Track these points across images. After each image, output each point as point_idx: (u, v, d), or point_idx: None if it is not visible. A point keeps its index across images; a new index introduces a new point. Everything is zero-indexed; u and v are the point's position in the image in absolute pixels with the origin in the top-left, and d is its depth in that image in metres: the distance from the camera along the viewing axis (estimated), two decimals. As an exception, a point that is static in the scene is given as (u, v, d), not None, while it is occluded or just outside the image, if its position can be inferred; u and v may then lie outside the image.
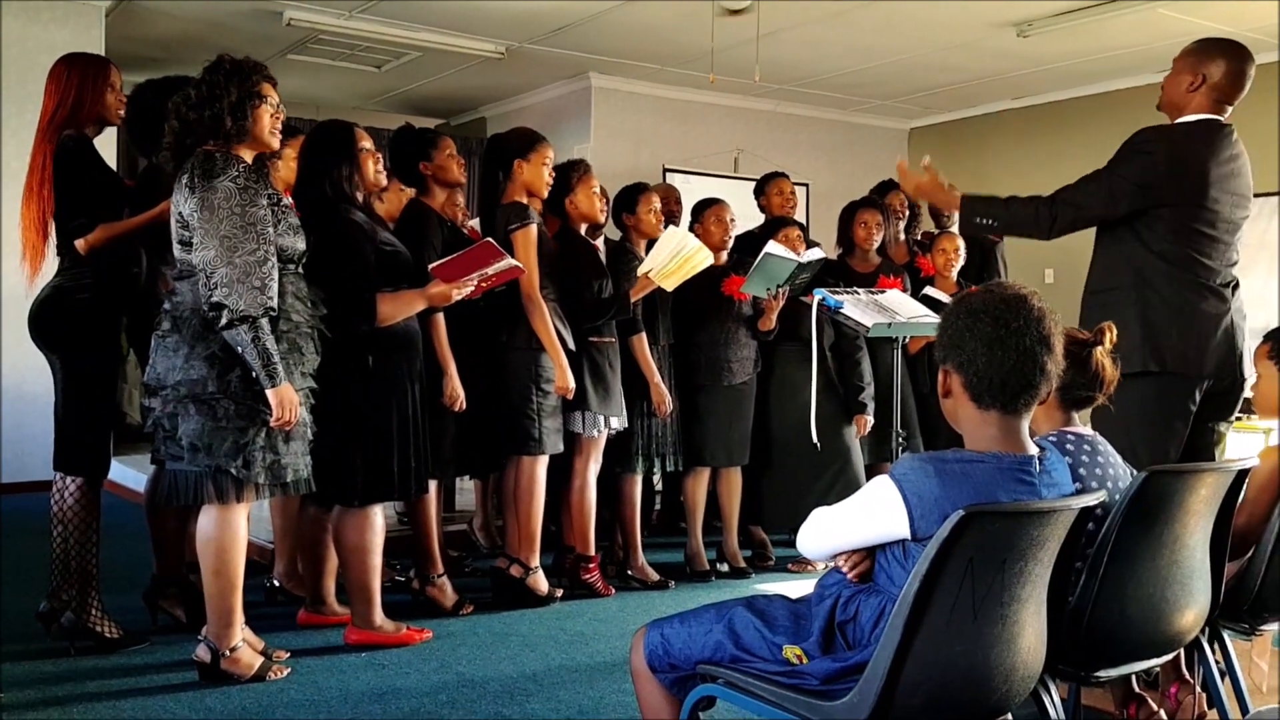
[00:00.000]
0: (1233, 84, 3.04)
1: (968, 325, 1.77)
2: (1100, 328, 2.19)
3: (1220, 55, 3.05)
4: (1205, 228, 2.99)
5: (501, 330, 3.84)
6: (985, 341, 1.74)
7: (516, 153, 3.88)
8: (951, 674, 1.64)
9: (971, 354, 1.75)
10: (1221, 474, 2.07)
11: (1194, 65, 3.06)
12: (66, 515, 3.26)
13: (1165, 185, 2.97)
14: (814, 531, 1.90)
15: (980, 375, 1.75)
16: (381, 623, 3.43)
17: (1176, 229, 2.98)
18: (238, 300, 2.78)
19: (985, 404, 1.76)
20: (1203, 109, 3.04)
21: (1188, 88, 3.05)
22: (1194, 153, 2.99)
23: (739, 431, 4.48)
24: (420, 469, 3.43)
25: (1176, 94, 3.09)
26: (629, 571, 4.36)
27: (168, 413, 2.91)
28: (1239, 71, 3.04)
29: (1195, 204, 2.97)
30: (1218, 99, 3.05)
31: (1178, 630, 2.06)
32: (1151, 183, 2.97)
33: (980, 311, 1.76)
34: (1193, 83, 3.04)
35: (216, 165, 2.86)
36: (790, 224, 4.67)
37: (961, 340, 1.77)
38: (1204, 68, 3.03)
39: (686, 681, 1.95)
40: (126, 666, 3.19)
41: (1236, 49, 3.08)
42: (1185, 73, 3.07)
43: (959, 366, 1.78)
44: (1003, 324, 1.74)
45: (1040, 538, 1.66)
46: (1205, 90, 3.03)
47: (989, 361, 1.74)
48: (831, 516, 1.87)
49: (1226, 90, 3.04)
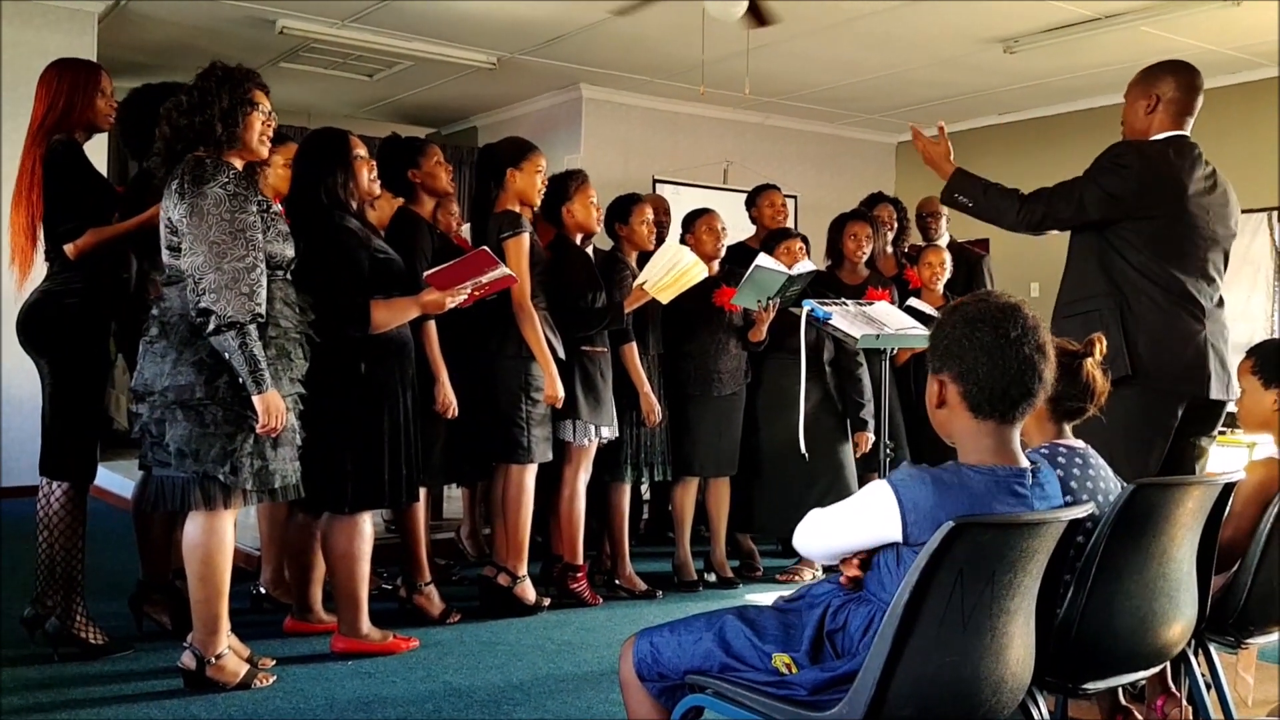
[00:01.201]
0: (1187, 96, 3.10)
1: (966, 334, 1.76)
2: (1090, 339, 2.20)
3: (1167, 73, 3.13)
4: (1182, 242, 3.01)
5: (492, 338, 3.84)
6: (986, 350, 1.74)
7: (509, 161, 3.89)
8: (940, 685, 1.64)
9: (972, 363, 1.75)
10: (1208, 487, 2.08)
11: (1145, 89, 3.14)
12: (52, 520, 3.25)
13: (1139, 197, 3.00)
14: (810, 531, 1.91)
15: (981, 384, 1.74)
16: (368, 631, 3.42)
17: (1152, 242, 3.01)
18: (226, 306, 2.78)
19: (984, 413, 1.76)
20: (1165, 127, 3.10)
21: (1146, 111, 3.12)
22: (1168, 166, 3.03)
23: (728, 442, 4.49)
24: (411, 477, 3.43)
25: (1137, 120, 3.15)
26: (616, 581, 4.36)
27: (155, 418, 2.90)
28: (1189, 84, 3.11)
29: (1171, 217, 3.00)
30: (1177, 113, 3.10)
31: (1164, 643, 2.07)
32: (1123, 195, 3.01)
33: (979, 320, 1.76)
34: (1149, 105, 3.11)
35: (207, 171, 2.86)
36: (793, 236, 4.68)
37: (960, 349, 1.76)
38: (1155, 88, 3.11)
39: (675, 691, 1.94)
40: (111, 673, 3.17)
41: (1181, 65, 3.16)
42: (1139, 98, 3.15)
43: (959, 376, 1.77)
44: (1002, 332, 1.74)
45: (1029, 549, 1.67)
46: (1163, 108, 3.10)
47: (990, 370, 1.73)
48: (827, 517, 1.87)
49: (1183, 103, 3.10)
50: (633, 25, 6.50)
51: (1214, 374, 3.00)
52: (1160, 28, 6.27)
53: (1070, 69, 7.25)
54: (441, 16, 6.54)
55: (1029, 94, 7.97)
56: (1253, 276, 7.14)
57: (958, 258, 5.25)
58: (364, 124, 8.86)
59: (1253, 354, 2.71)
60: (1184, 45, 6.57)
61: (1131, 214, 3.01)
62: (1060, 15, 6.20)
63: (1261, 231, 7.09)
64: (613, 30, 6.67)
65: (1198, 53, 6.72)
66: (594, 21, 6.51)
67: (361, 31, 6.88)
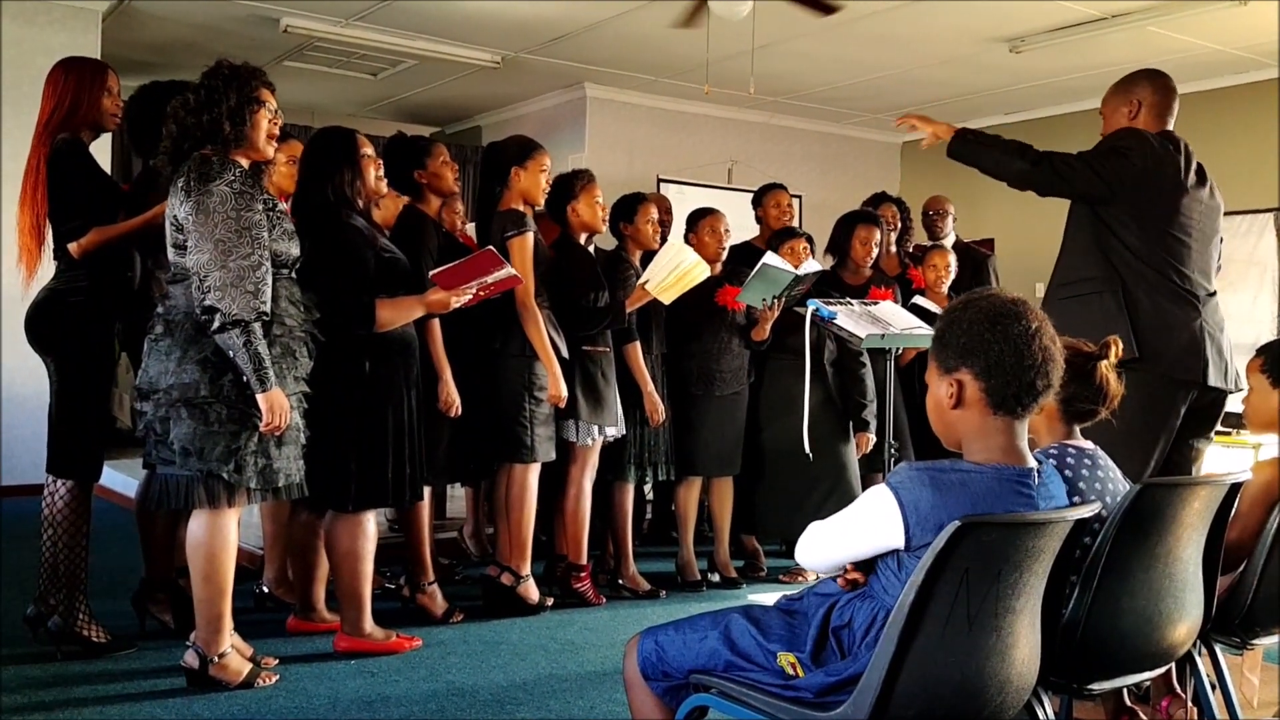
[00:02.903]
0: (1164, 99, 3.17)
1: (988, 329, 1.73)
2: (1105, 341, 2.18)
3: (1142, 80, 3.20)
4: (1178, 232, 3.04)
5: (495, 337, 3.83)
6: (1012, 342, 1.72)
7: (514, 160, 3.89)
8: (946, 685, 1.63)
9: (998, 357, 1.72)
10: (1214, 488, 2.07)
11: (1125, 97, 3.20)
12: (56, 519, 3.25)
13: (1142, 180, 3.02)
14: (812, 544, 1.88)
15: (1009, 377, 1.72)
16: (371, 630, 3.42)
17: (1148, 226, 3.03)
18: (231, 304, 2.78)
19: (1004, 409, 1.74)
20: (1151, 128, 3.14)
21: (1129, 117, 3.17)
22: (1167, 153, 3.07)
23: (731, 441, 4.48)
24: (415, 475, 3.42)
25: (1117, 124, 3.19)
26: (620, 581, 4.35)
27: (159, 417, 2.90)
28: (1165, 86, 3.18)
29: (1167, 204, 3.03)
30: (1158, 114, 3.16)
31: (1170, 644, 2.06)
32: (1125, 179, 3.02)
33: (999, 315, 1.74)
34: (1131, 111, 3.17)
35: (213, 169, 2.86)
36: (798, 235, 4.68)
37: (983, 344, 1.73)
38: (1134, 95, 3.18)
39: (679, 691, 1.94)
40: (114, 672, 3.17)
41: (1153, 71, 3.23)
42: (1120, 105, 3.20)
43: (982, 372, 1.74)
44: (1024, 325, 1.73)
45: (1035, 549, 1.66)
46: (1145, 112, 3.16)
47: (1017, 363, 1.71)
48: (829, 529, 1.85)
49: (1162, 104, 3.16)
50: (637, 24, 6.49)
51: (1211, 360, 3.01)
52: (1166, 27, 6.25)
53: (1076, 68, 7.23)
54: (445, 15, 6.54)
55: (1035, 93, 7.95)
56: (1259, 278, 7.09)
57: (963, 258, 5.25)
58: (368, 123, 8.87)
59: (1262, 353, 2.70)
60: (1190, 45, 6.56)
61: (1135, 196, 3.02)
62: (1066, 15, 6.19)
63: (1268, 232, 7.05)
64: (617, 29, 6.67)
65: (1204, 52, 6.72)
66: (599, 20, 6.51)
67: (366, 30, 6.88)
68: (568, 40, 7.01)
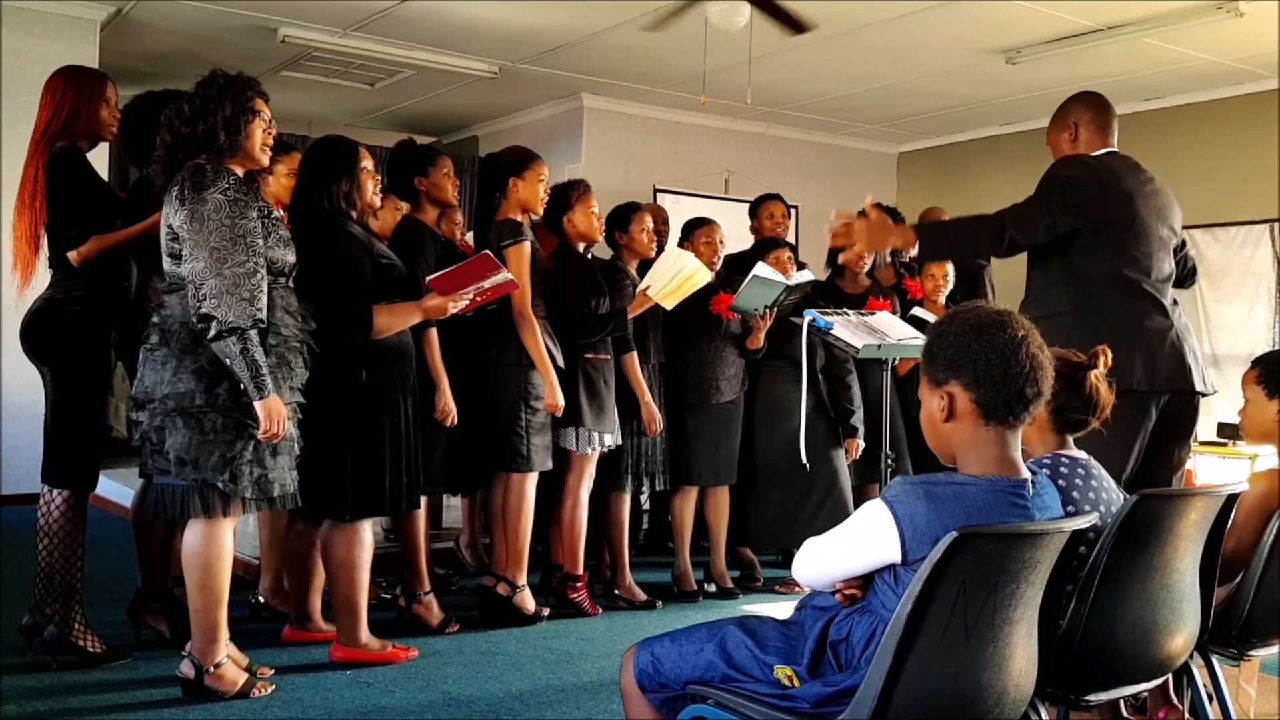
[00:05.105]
0: (1101, 114, 3.20)
1: (974, 340, 1.75)
2: (1095, 351, 2.19)
3: (1077, 103, 3.24)
4: (1140, 245, 3.05)
5: (492, 346, 3.83)
6: (999, 351, 1.73)
7: (512, 170, 3.90)
8: (943, 697, 1.63)
9: (985, 366, 1.73)
10: (1211, 499, 2.08)
11: (1062, 122, 3.24)
12: (52, 528, 3.24)
13: (1096, 203, 3.03)
14: (808, 560, 1.88)
15: (998, 386, 1.73)
16: (367, 640, 3.41)
17: (1112, 248, 3.04)
18: (226, 312, 2.78)
19: (996, 419, 1.74)
20: (1094, 147, 3.18)
21: (1070, 141, 3.21)
22: (1111, 173, 3.09)
23: (726, 450, 4.48)
24: (411, 484, 3.42)
25: (1064, 152, 3.22)
26: (616, 591, 4.34)
27: (155, 426, 2.90)
28: (1098, 103, 3.22)
29: (1124, 221, 3.04)
30: (1098, 131, 3.20)
31: (1167, 654, 2.06)
32: (1083, 202, 3.03)
33: (984, 325, 1.75)
34: (1070, 135, 3.21)
35: (207, 177, 2.86)
36: (780, 245, 4.69)
37: (970, 356, 1.74)
38: (1071, 118, 3.22)
39: (676, 702, 1.93)
40: (109, 682, 3.15)
41: (1088, 93, 3.27)
42: (1060, 131, 3.24)
43: (970, 383, 1.75)
44: (1010, 334, 1.74)
45: (1032, 560, 1.66)
46: (1084, 130, 3.20)
47: (1004, 371, 1.72)
48: (825, 545, 1.85)
49: (1100, 121, 3.20)
50: (634, 35, 6.51)
51: (1192, 367, 3.03)
52: (1162, 39, 6.28)
53: (1072, 80, 7.22)
54: (443, 25, 6.55)
55: (1031, 105, 7.97)
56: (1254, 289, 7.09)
57: (960, 269, 5.25)
58: (365, 133, 8.87)
59: (1258, 364, 2.71)
60: (1186, 56, 6.58)
61: (1093, 220, 3.03)
62: (1062, 26, 6.21)
63: (1263, 243, 7.07)
64: (614, 40, 6.69)
65: (1200, 64, 6.74)
66: (595, 31, 6.53)
67: (363, 40, 6.90)
68: (564, 51, 7.02)
